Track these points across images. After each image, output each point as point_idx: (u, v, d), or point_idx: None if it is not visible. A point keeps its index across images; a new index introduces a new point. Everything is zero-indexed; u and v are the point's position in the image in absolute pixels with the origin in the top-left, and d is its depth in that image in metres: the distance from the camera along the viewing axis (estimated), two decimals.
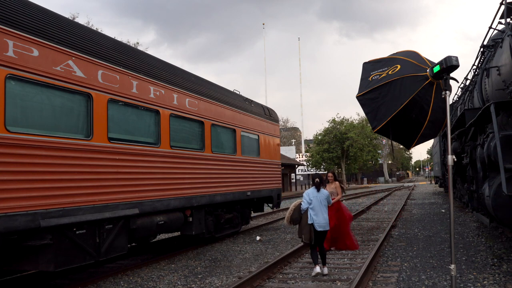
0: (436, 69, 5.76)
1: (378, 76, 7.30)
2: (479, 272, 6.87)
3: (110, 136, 6.84)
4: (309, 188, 7.73)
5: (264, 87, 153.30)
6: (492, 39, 9.25)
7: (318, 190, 7.07)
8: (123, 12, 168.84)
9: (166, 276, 7.47)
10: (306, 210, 7.01)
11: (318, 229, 6.91)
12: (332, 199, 8.67)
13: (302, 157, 62.13)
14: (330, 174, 9.17)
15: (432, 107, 6.80)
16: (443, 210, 17.53)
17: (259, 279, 6.65)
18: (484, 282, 6.23)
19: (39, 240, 5.64)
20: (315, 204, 6.95)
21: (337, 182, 8.96)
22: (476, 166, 8.64)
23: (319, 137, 57.15)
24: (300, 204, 7.15)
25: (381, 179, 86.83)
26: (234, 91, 12.43)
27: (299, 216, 7.13)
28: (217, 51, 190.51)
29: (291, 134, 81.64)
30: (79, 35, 6.56)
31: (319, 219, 6.92)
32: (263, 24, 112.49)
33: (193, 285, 6.78)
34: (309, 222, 6.93)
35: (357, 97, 7.56)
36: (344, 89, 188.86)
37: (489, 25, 9.06)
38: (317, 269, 6.86)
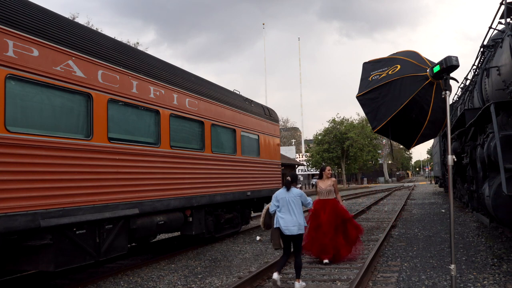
0: (436, 69, 5.76)
1: (378, 76, 7.30)
2: (479, 272, 6.87)
3: (110, 136, 6.84)
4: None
5: (264, 87, 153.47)
6: (492, 39, 9.25)
7: (288, 189, 6.22)
8: (123, 12, 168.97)
9: (166, 276, 7.47)
10: (275, 213, 6.26)
11: (285, 233, 6.06)
12: (326, 200, 8.44)
13: (302, 157, 62.17)
14: (329, 168, 8.63)
15: (432, 107, 6.80)
16: (443, 210, 17.53)
17: (259, 279, 6.65)
18: (484, 282, 6.23)
19: (39, 240, 5.64)
20: (282, 205, 6.15)
21: (333, 179, 8.68)
22: (476, 166, 8.64)
23: (319, 137, 57.18)
24: None
25: (381, 179, 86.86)
26: (234, 91, 12.42)
27: (269, 219, 6.49)
28: (217, 51, 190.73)
29: (291, 134, 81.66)
30: (79, 35, 6.56)
31: (287, 222, 6.04)
32: (263, 24, 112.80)
33: (193, 285, 6.78)
34: (275, 226, 6.16)
35: (357, 97, 7.56)
36: (344, 89, 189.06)
37: (489, 25, 9.07)
38: (275, 275, 6.00)
